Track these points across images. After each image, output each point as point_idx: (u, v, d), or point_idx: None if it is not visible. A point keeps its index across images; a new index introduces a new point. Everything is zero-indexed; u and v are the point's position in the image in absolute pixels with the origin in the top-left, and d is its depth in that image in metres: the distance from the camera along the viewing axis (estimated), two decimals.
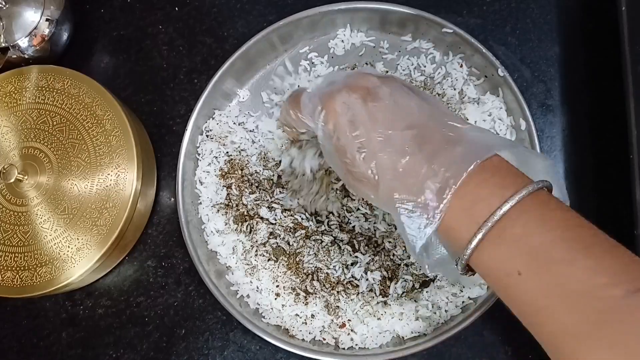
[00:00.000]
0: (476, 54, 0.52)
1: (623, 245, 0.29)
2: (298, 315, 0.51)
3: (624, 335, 0.26)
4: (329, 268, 0.50)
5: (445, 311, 0.49)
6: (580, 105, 0.54)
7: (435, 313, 0.49)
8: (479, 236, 0.29)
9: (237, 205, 0.53)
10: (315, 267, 0.50)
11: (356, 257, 0.50)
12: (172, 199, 0.56)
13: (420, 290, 0.50)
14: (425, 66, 0.54)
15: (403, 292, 0.50)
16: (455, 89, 0.53)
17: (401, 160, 0.31)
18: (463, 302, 0.49)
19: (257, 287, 0.52)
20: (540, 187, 0.30)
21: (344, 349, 0.50)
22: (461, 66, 0.54)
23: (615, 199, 0.51)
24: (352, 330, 0.50)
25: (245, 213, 0.53)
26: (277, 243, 0.51)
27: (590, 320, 0.26)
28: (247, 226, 0.52)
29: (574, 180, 0.53)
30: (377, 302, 0.50)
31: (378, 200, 0.34)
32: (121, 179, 0.50)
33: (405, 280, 0.50)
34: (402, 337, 0.49)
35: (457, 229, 0.30)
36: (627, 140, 0.46)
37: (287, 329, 0.51)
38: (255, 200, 0.53)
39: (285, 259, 0.51)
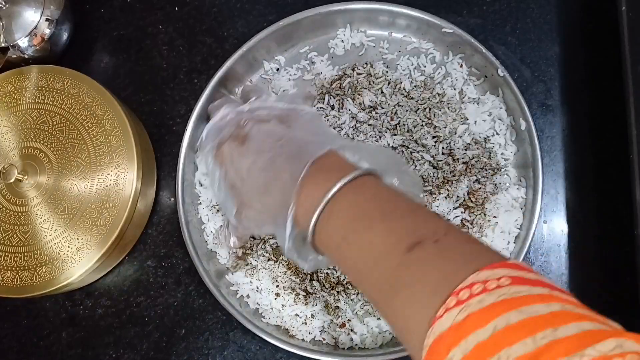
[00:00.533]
0: (476, 54, 0.52)
1: (622, 246, 0.30)
2: (298, 315, 0.51)
3: (410, 286, 0.30)
4: (329, 268, 0.50)
5: None
6: (580, 105, 0.54)
7: None
8: (314, 218, 0.35)
9: None
10: None
11: None
12: (172, 199, 0.56)
13: None
14: (425, 66, 0.54)
15: None
16: (455, 89, 0.53)
17: (261, 178, 0.40)
18: None
19: (257, 287, 0.52)
20: (364, 174, 0.36)
21: (343, 349, 0.50)
22: (461, 66, 0.54)
23: (615, 199, 0.51)
24: (352, 330, 0.50)
25: None
26: (278, 243, 0.51)
27: (387, 276, 0.32)
28: None
29: (574, 180, 0.53)
30: None
31: (259, 219, 0.41)
32: (121, 178, 0.50)
33: None
34: None
35: (305, 216, 0.36)
36: (627, 140, 0.46)
37: (287, 329, 0.51)
38: None
39: (286, 259, 0.51)
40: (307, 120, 0.44)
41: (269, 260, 0.51)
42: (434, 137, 0.51)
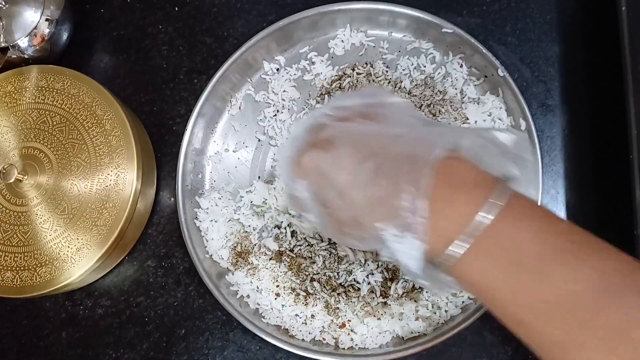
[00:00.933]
0: (476, 54, 0.52)
1: (622, 246, 0.29)
2: (298, 315, 0.51)
3: (600, 341, 0.27)
4: (332, 271, 0.50)
5: (445, 311, 0.49)
6: (580, 105, 0.54)
7: (435, 313, 0.49)
8: (461, 250, 0.30)
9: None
10: (320, 272, 0.50)
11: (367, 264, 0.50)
12: (172, 199, 0.56)
13: (420, 290, 0.50)
14: (425, 66, 0.54)
15: (403, 293, 0.50)
16: (455, 89, 0.53)
17: (370, 191, 0.32)
18: (463, 302, 0.49)
19: (257, 287, 0.52)
20: (509, 190, 0.30)
21: (344, 349, 0.50)
22: (461, 66, 0.54)
23: (615, 199, 0.51)
24: (352, 330, 0.50)
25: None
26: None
27: (570, 329, 0.27)
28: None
29: (574, 180, 0.53)
30: (377, 303, 0.50)
31: (366, 238, 0.34)
32: (121, 178, 0.50)
33: (405, 281, 0.50)
34: (402, 337, 0.49)
35: (440, 242, 0.30)
36: (627, 141, 0.46)
37: (287, 329, 0.51)
38: None
39: (288, 260, 0.51)
40: (399, 111, 0.35)
41: (270, 259, 0.51)
42: None
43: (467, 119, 0.52)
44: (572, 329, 0.27)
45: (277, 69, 0.56)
